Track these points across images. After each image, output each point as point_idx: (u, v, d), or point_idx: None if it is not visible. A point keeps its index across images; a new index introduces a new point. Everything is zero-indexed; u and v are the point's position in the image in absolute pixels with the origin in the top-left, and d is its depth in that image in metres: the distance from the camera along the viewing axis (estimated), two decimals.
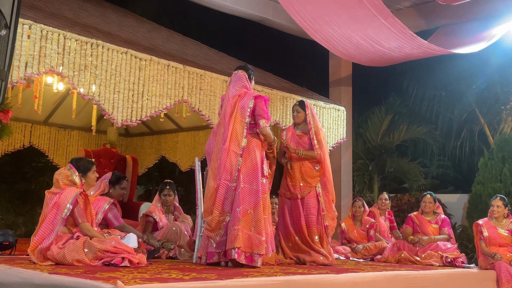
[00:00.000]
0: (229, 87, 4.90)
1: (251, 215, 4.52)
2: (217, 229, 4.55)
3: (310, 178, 5.43)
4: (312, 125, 5.56)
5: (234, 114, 4.68)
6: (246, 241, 4.45)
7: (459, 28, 8.99)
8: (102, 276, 3.37)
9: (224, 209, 4.56)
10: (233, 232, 4.44)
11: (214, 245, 4.55)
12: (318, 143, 5.50)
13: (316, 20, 7.27)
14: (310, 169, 5.46)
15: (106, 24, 7.05)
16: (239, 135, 4.65)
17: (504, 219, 5.97)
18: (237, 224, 4.45)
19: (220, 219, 4.55)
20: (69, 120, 8.35)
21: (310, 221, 5.40)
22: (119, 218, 5.07)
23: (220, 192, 4.56)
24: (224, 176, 4.57)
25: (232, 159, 4.60)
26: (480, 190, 9.83)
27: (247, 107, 4.69)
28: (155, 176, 13.43)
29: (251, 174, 4.62)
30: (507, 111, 11.61)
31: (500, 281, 5.61)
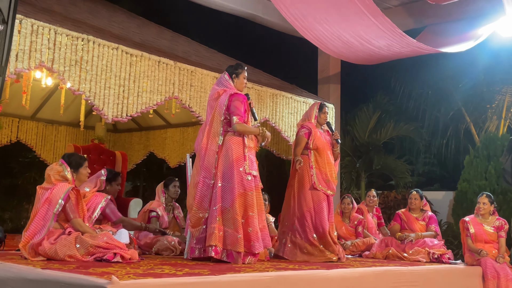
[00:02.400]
0: (213, 87, 5.02)
1: (230, 212, 4.58)
2: (197, 225, 4.68)
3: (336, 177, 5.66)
4: (334, 124, 5.76)
5: (212, 113, 4.81)
6: (223, 239, 4.55)
7: (446, 27, 9.08)
8: (95, 271, 3.38)
9: (203, 205, 4.67)
10: (209, 230, 4.57)
11: (195, 240, 4.68)
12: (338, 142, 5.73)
13: (306, 18, 7.31)
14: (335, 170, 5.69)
15: (96, 19, 7.02)
16: (216, 133, 4.75)
17: (490, 216, 6.07)
18: (214, 222, 4.56)
19: (199, 215, 4.66)
20: (57, 115, 8.31)
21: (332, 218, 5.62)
22: (117, 213, 5.09)
23: (198, 189, 4.68)
24: (203, 173, 4.70)
25: (210, 157, 4.71)
26: (465, 188, 9.95)
27: (223, 105, 4.77)
28: (143, 172, 13.42)
29: (227, 172, 4.67)
30: (493, 110, 11.76)
31: (485, 277, 5.71)
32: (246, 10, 9.07)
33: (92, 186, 4.98)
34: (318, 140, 5.60)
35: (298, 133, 5.75)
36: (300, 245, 5.43)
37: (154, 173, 13.48)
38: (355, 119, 12.83)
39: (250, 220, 4.62)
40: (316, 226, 5.44)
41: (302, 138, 5.63)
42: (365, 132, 12.59)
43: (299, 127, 5.83)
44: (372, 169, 12.57)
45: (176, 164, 9.08)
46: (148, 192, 13.35)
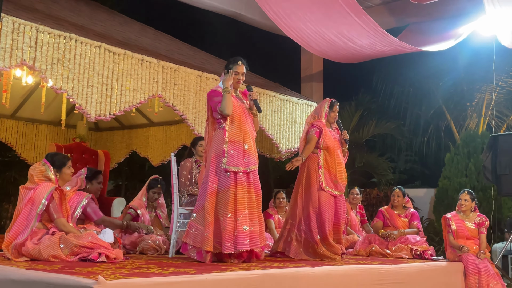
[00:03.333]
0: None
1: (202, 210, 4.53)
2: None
3: (346, 178, 5.61)
4: (341, 124, 5.68)
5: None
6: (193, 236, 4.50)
7: (428, 26, 9.18)
8: (80, 271, 3.36)
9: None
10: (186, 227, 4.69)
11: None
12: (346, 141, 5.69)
13: (289, 16, 7.32)
14: (344, 170, 5.62)
15: (78, 17, 6.95)
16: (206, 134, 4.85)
17: (471, 213, 6.15)
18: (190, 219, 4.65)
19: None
20: (37, 114, 8.20)
21: (343, 218, 5.60)
22: (99, 212, 5.06)
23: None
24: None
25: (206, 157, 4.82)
26: (446, 185, 10.09)
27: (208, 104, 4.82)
28: (125, 171, 13.32)
29: (207, 170, 4.64)
30: (472, 108, 11.93)
31: (467, 272, 5.78)
32: (229, 8, 9.06)
33: (73, 185, 4.96)
34: (329, 139, 5.48)
35: (308, 132, 5.55)
36: (305, 244, 5.38)
37: (137, 172, 13.38)
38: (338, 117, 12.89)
39: (224, 218, 4.42)
40: (319, 228, 5.39)
41: (313, 137, 5.45)
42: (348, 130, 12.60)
43: (308, 125, 5.63)
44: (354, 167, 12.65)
45: (159, 162, 9.02)
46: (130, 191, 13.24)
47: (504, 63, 10.56)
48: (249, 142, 4.66)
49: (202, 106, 6.81)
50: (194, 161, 5.98)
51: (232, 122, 4.63)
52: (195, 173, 5.89)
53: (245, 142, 4.63)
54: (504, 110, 11.64)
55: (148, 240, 5.38)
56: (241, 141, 4.62)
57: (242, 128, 4.65)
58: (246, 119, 4.72)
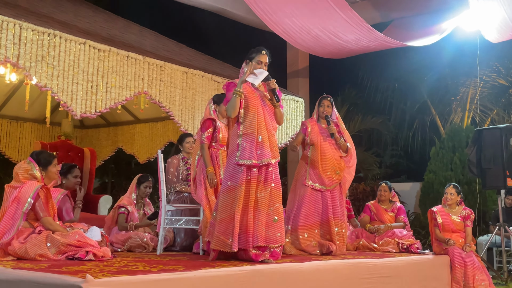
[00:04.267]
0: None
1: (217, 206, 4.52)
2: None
3: (340, 171, 5.52)
4: (339, 119, 5.65)
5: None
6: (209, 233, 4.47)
7: (412, 21, 9.23)
8: (68, 270, 3.33)
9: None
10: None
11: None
12: (347, 136, 5.62)
13: (275, 12, 7.31)
14: (340, 162, 5.54)
15: (62, 14, 6.88)
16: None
17: (457, 206, 6.20)
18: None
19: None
20: (21, 111, 8.10)
21: (335, 213, 5.46)
22: (71, 213, 5.01)
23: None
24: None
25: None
26: (432, 179, 10.18)
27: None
28: (111, 169, 13.25)
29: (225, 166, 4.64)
30: (457, 102, 12.05)
31: (453, 265, 5.84)
32: (215, 4, 9.03)
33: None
34: (315, 135, 5.52)
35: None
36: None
37: (123, 169, 13.32)
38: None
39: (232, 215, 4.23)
40: (293, 219, 5.41)
41: (299, 133, 5.68)
42: None
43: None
44: None
45: (145, 159, 8.98)
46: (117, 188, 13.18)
47: (487, 57, 10.68)
48: (264, 134, 4.37)
49: (188, 103, 6.79)
50: (181, 158, 5.96)
51: (246, 114, 4.38)
52: (182, 170, 5.88)
53: (259, 134, 4.35)
54: (488, 104, 11.77)
55: (136, 237, 5.35)
56: (254, 133, 4.35)
57: (257, 119, 4.38)
58: (264, 109, 4.44)
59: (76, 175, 5.44)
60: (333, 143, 5.57)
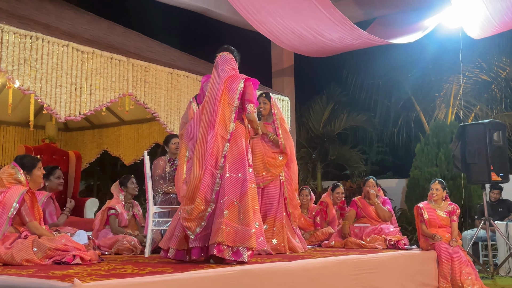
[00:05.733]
0: (216, 69, 4.48)
1: (237, 206, 4.16)
2: (198, 219, 4.12)
3: (273, 168, 5.39)
4: (277, 115, 5.59)
5: (222, 97, 4.31)
6: (232, 235, 4.07)
7: (395, 19, 9.30)
8: (55, 274, 3.30)
9: (207, 198, 4.16)
10: (216, 226, 4.08)
11: (193, 236, 4.09)
12: (283, 133, 5.51)
13: (259, 11, 7.33)
14: (273, 159, 5.41)
15: (44, 16, 6.82)
16: (227, 119, 4.30)
17: (443, 202, 6.24)
18: (221, 217, 4.08)
19: (202, 208, 4.13)
20: (4, 115, 8.02)
21: (267, 211, 5.36)
22: (54, 216, 4.96)
23: (205, 180, 4.15)
24: (210, 162, 4.18)
25: (219, 144, 4.24)
26: (417, 175, 10.24)
27: (237, 89, 4.31)
28: (97, 171, 13.17)
29: (238, 163, 4.27)
30: (441, 99, 12.15)
31: (440, 260, 5.89)
32: (198, 4, 9.01)
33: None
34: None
35: None
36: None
37: (108, 171, 13.26)
38: (310, 111, 13.00)
39: (256, 214, 4.27)
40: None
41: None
42: (320, 123, 12.78)
43: None
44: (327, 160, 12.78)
45: (131, 161, 8.94)
46: (103, 191, 13.12)
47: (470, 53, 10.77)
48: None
49: (173, 103, 6.76)
50: (167, 159, 5.94)
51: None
52: (168, 171, 5.85)
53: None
54: (471, 100, 11.88)
55: (123, 240, 5.31)
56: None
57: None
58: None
59: (58, 176, 5.37)
60: (266, 140, 5.49)
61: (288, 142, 5.52)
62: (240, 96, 4.33)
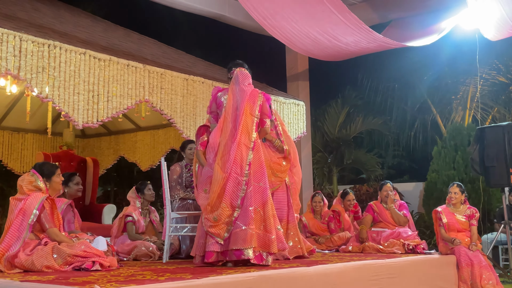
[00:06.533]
0: (237, 83, 4.85)
1: (260, 213, 4.43)
2: (225, 224, 4.35)
3: (280, 173, 5.42)
4: (278, 121, 5.60)
5: (245, 108, 4.64)
6: (258, 241, 4.35)
7: (411, 22, 9.24)
8: (75, 281, 3.32)
9: (233, 203, 4.38)
10: (248, 232, 4.31)
11: (222, 242, 4.33)
12: (286, 138, 5.53)
13: (273, 16, 7.33)
14: (278, 164, 5.44)
15: (61, 24, 6.89)
16: (249, 129, 4.60)
17: (461, 205, 6.19)
18: (251, 223, 4.34)
19: (229, 213, 4.36)
20: (23, 123, 8.11)
21: (279, 215, 5.26)
22: (72, 224, 4.99)
23: (229, 186, 4.40)
24: (234, 169, 4.43)
25: (242, 152, 4.49)
26: (435, 178, 10.16)
27: (257, 102, 4.71)
28: (114, 177, 13.25)
29: (259, 172, 4.56)
30: (457, 101, 12.05)
31: (460, 265, 5.83)
32: (213, 10, 9.05)
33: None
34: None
35: None
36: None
37: (125, 177, 13.32)
38: (325, 115, 12.98)
39: (276, 219, 4.62)
40: None
41: None
42: (335, 127, 12.75)
43: None
44: (343, 164, 12.72)
45: (148, 167, 8.98)
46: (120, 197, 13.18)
47: (487, 55, 10.68)
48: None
49: (189, 109, 6.79)
50: (184, 165, 5.96)
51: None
52: (185, 176, 5.87)
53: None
54: (488, 102, 11.76)
55: (142, 246, 5.34)
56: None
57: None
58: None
59: (77, 182, 5.42)
60: (271, 146, 5.49)
61: (291, 147, 5.58)
62: (260, 108, 4.72)
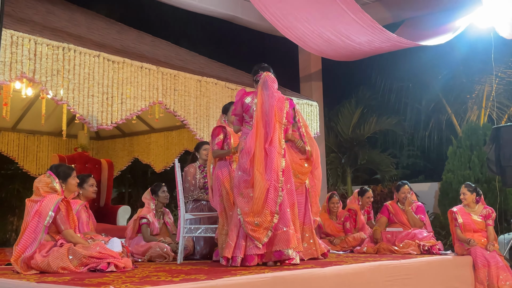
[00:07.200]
0: (266, 88, 4.82)
1: (289, 214, 4.65)
2: (265, 229, 4.52)
3: (301, 175, 5.45)
4: (301, 122, 5.61)
5: (275, 116, 4.73)
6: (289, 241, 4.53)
7: (424, 20, 9.17)
8: (91, 282, 3.34)
9: (272, 210, 4.57)
10: (289, 233, 4.53)
11: (261, 246, 4.49)
12: (309, 140, 5.53)
13: (286, 17, 7.31)
14: (300, 166, 5.46)
15: (75, 27, 6.95)
16: (280, 136, 4.76)
17: (477, 205, 6.12)
18: (290, 225, 4.57)
19: (269, 219, 4.54)
20: (38, 125, 8.20)
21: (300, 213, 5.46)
22: (85, 226, 5.01)
23: (270, 193, 4.57)
24: (273, 177, 4.61)
25: (278, 160, 4.68)
26: (450, 178, 10.06)
27: (284, 110, 4.84)
28: (128, 179, 13.32)
29: (287, 175, 4.78)
30: (473, 100, 11.92)
31: (476, 265, 5.77)
32: (225, 11, 9.06)
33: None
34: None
35: None
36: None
37: (139, 179, 13.39)
38: (338, 115, 12.92)
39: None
40: None
41: None
42: (349, 127, 12.69)
43: None
44: (357, 164, 12.65)
45: (161, 168, 9.02)
46: (134, 198, 13.25)
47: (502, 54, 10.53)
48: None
49: (203, 111, 6.81)
50: (197, 166, 5.97)
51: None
52: (199, 178, 5.88)
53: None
54: (504, 101, 11.62)
55: (156, 247, 5.36)
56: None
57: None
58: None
59: (92, 184, 5.45)
60: (293, 147, 5.50)
61: (313, 148, 5.58)
62: (286, 115, 4.90)
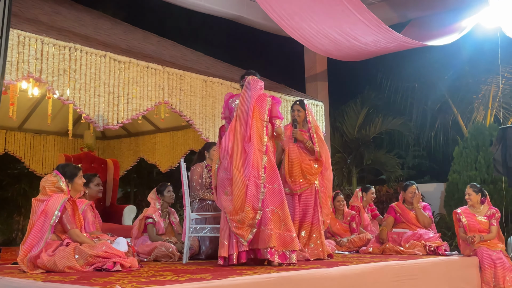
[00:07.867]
0: (248, 89, 4.88)
1: (278, 214, 4.61)
2: (249, 226, 4.52)
3: (309, 175, 5.48)
4: (312, 123, 5.61)
5: (255, 113, 4.77)
6: (279, 240, 4.54)
7: (430, 20, 9.15)
8: (97, 281, 3.35)
9: (254, 206, 4.55)
10: (266, 232, 4.51)
11: (246, 243, 4.50)
12: (319, 141, 5.55)
13: (292, 17, 7.32)
14: (309, 166, 5.49)
15: (82, 27, 6.97)
16: (261, 133, 4.75)
17: (482, 206, 6.10)
18: (270, 224, 4.53)
19: (251, 216, 4.53)
20: (44, 125, 8.24)
21: (304, 217, 5.45)
22: (91, 226, 5.03)
23: (250, 189, 4.55)
24: (253, 173, 4.58)
25: (257, 156, 4.65)
26: (456, 179, 10.02)
27: (265, 106, 4.84)
28: (134, 179, 13.34)
29: (272, 174, 4.73)
30: (479, 101, 11.87)
31: (482, 266, 5.76)
32: (231, 11, 9.08)
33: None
34: (286, 139, 5.56)
35: None
36: None
37: (145, 178, 13.41)
38: (344, 116, 12.90)
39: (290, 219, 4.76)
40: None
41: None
42: (354, 128, 12.66)
43: None
44: (362, 164, 12.63)
45: (167, 168, 9.03)
46: (140, 198, 13.28)
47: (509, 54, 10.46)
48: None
49: (208, 111, 6.82)
50: (204, 166, 5.97)
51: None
52: (205, 177, 5.89)
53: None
54: (511, 102, 11.56)
55: (162, 247, 5.37)
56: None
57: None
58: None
59: (97, 183, 5.47)
60: (303, 147, 5.53)
61: (323, 150, 5.59)
62: (269, 112, 4.85)
